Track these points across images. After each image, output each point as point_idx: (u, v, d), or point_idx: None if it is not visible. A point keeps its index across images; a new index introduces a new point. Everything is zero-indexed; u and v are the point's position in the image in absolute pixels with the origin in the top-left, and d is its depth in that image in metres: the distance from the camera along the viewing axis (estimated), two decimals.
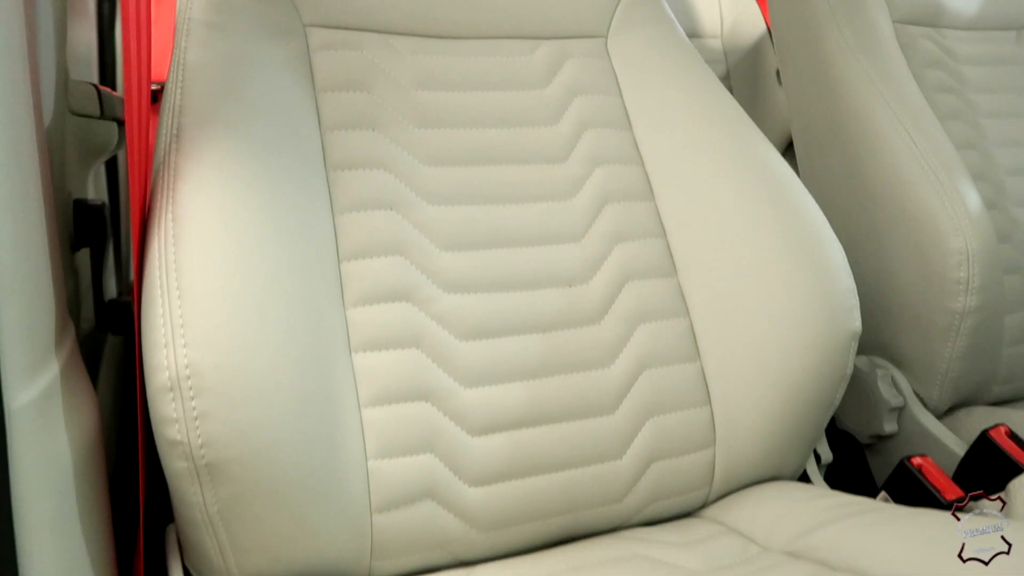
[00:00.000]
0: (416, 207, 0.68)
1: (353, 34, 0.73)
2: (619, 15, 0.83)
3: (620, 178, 0.77)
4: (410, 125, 0.72)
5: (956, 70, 1.04)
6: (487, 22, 0.78)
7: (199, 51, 0.64)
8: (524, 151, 0.75)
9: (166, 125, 0.61)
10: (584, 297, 0.71)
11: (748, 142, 0.78)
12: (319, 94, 0.69)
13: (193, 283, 0.52)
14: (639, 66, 0.82)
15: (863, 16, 0.98)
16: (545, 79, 0.79)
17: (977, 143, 0.99)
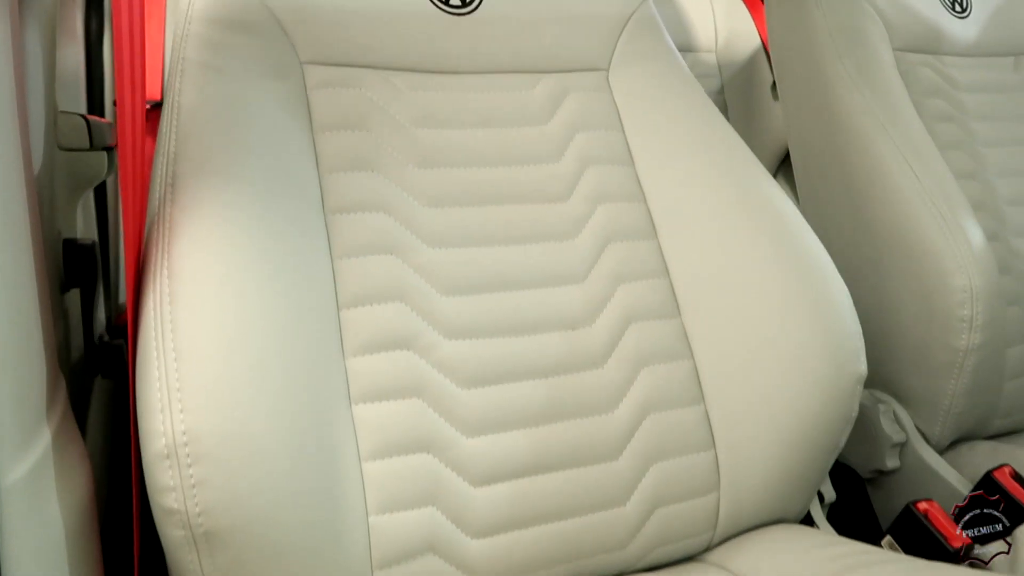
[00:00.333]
0: (416, 251, 0.67)
1: (351, 71, 0.71)
2: (620, 48, 0.82)
3: (622, 216, 0.76)
4: (410, 165, 0.70)
5: (956, 98, 1.03)
6: (487, 57, 0.77)
7: (194, 94, 0.62)
8: (525, 190, 0.74)
9: (160, 172, 0.59)
10: (587, 340, 0.70)
11: (752, 180, 0.77)
12: (317, 134, 0.68)
13: (190, 344, 0.51)
14: (641, 101, 0.80)
15: (864, 45, 0.97)
16: (546, 114, 0.78)
17: (977, 173, 0.99)
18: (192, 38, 0.65)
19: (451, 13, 0.75)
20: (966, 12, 1.07)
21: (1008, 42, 1.10)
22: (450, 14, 0.75)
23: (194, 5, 0.66)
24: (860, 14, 0.99)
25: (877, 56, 0.97)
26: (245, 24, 0.67)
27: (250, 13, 0.67)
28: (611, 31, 0.82)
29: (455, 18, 0.76)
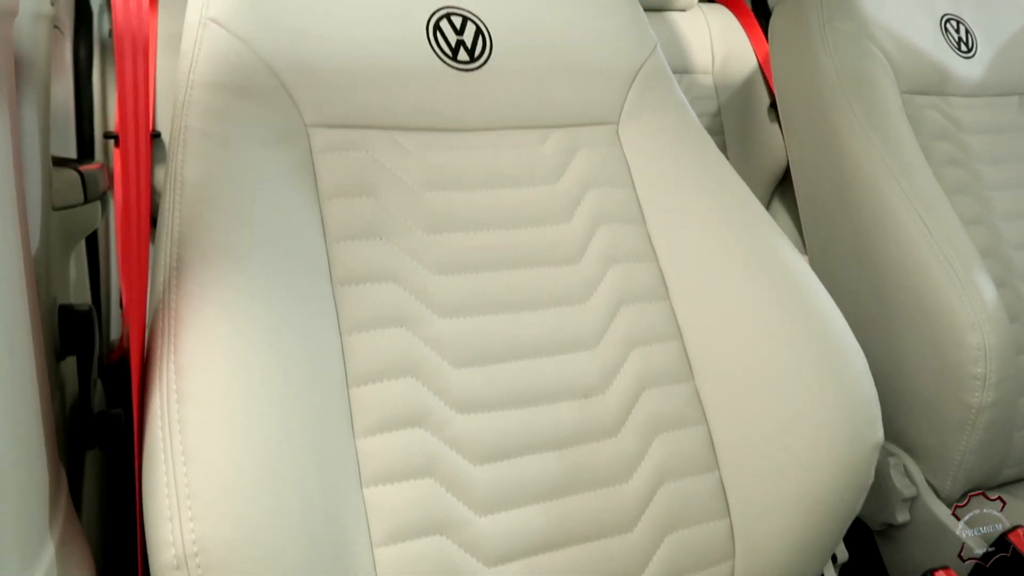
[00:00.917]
0: (426, 322, 0.65)
1: (358, 132, 0.69)
2: (630, 101, 0.81)
3: (634, 277, 0.74)
4: (419, 231, 0.68)
5: (962, 141, 1.02)
6: (495, 113, 0.75)
7: (197, 167, 0.60)
8: (536, 252, 0.72)
9: (164, 253, 0.57)
10: (600, 408, 0.69)
11: (765, 240, 0.75)
12: (323, 201, 0.66)
13: (199, 447, 0.49)
14: (652, 156, 0.79)
15: (872, 89, 0.96)
16: (556, 172, 0.76)
17: (984, 218, 0.98)
18: (194, 105, 0.63)
19: (459, 70, 0.74)
20: (971, 52, 1.06)
21: (1013, 81, 1.09)
22: (458, 70, 0.73)
23: (196, 69, 0.64)
24: (867, 57, 0.98)
25: (885, 100, 0.96)
26: (249, 89, 0.64)
27: (254, 77, 0.65)
28: (621, 84, 0.80)
29: (463, 74, 0.74)
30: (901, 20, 1.02)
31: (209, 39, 0.65)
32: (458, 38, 0.74)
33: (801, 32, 1.02)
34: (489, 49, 0.75)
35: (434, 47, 0.73)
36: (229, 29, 0.65)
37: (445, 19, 0.74)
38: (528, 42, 0.77)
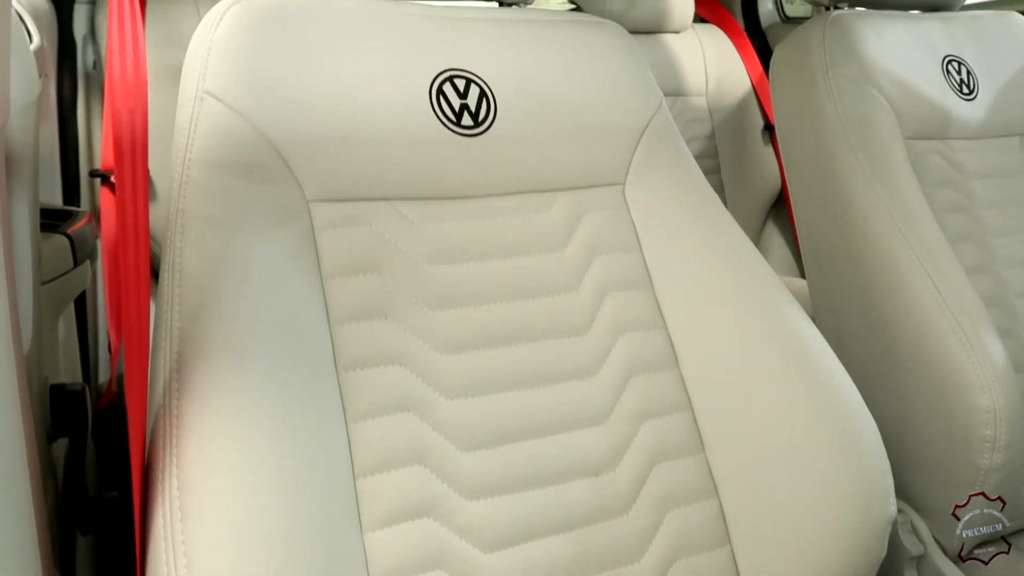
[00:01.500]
0: (434, 406, 0.63)
1: (361, 205, 0.67)
2: (637, 161, 0.79)
3: (643, 346, 0.73)
4: (424, 308, 0.66)
5: (965, 186, 1.02)
6: (501, 179, 0.73)
7: (196, 256, 0.57)
8: (544, 324, 0.70)
9: (164, 351, 0.54)
10: (611, 486, 0.67)
11: (777, 307, 0.74)
12: (326, 281, 0.64)
13: (203, 567, 0.47)
14: (659, 218, 0.77)
15: (876, 138, 0.95)
16: (563, 238, 0.74)
17: (988, 266, 0.97)
18: (192, 186, 0.60)
19: (463, 135, 0.72)
20: (973, 94, 1.06)
21: (1013, 122, 1.09)
22: (462, 136, 0.71)
23: (193, 146, 0.62)
24: (871, 104, 0.97)
25: (890, 149, 0.95)
26: (249, 167, 0.62)
27: (255, 154, 0.62)
28: (628, 143, 0.79)
29: (467, 140, 0.72)
30: (904, 64, 1.01)
31: (207, 114, 0.62)
32: (462, 102, 0.72)
33: (804, 76, 1.01)
34: (494, 112, 0.73)
35: (437, 112, 0.71)
36: (227, 103, 0.63)
37: (448, 82, 0.72)
38: (533, 103, 0.75)
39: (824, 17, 1.03)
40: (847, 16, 1.02)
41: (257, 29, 0.65)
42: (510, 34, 0.77)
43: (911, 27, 1.06)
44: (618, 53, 0.81)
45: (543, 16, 0.80)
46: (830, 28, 1.01)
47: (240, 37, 0.65)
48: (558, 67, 0.77)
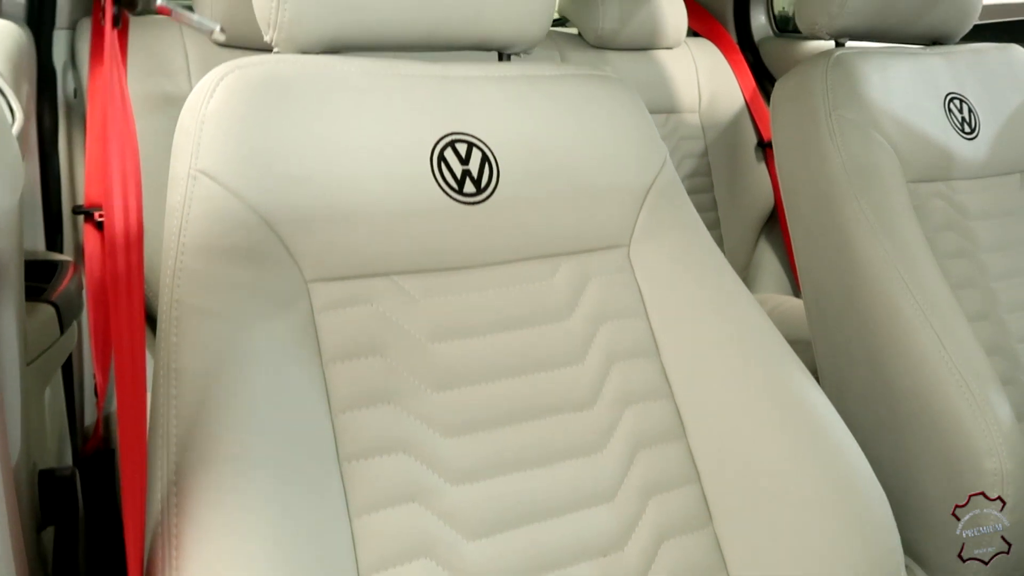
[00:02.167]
0: (439, 493, 0.62)
1: (361, 283, 0.65)
2: (642, 221, 0.77)
3: (650, 418, 0.71)
4: (427, 389, 0.64)
5: (967, 228, 1.01)
6: (504, 246, 0.71)
7: (192, 354, 0.55)
8: (549, 399, 0.68)
9: (162, 460, 0.52)
10: (620, 567, 0.66)
11: (784, 372, 0.73)
12: (327, 366, 0.62)
13: None
14: (665, 281, 0.76)
15: (880, 184, 0.94)
16: (568, 306, 0.73)
17: (990, 312, 0.97)
18: (186, 275, 0.58)
19: (465, 203, 0.69)
20: (974, 132, 1.05)
21: (1014, 160, 1.08)
22: (464, 204, 0.69)
23: (187, 231, 0.59)
24: (875, 149, 0.96)
25: (894, 196, 0.94)
26: (246, 251, 0.60)
27: (251, 237, 0.60)
28: (633, 204, 0.77)
29: (469, 208, 0.69)
30: (907, 105, 1.00)
31: (200, 195, 0.60)
32: (464, 168, 0.70)
33: (806, 117, 0.99)
34: (496, 177, 0.71)
35: (439, 180, 0.68)
36: (222, 183, 0.60)
37: (450, 147, 0.70)
38: (536, 166, 0.73)
39: (826, 56, 1.01)
40: (849, 56, 1.01)
41: (251, 101, 0.63)
42: (512, 93, 0.74)
43: (914, 65, 1.05)
44: (622, 109, 0.79)
45: (545, 71, 0.78)
46: (832, 69, 0.99)
47: (234, 111, 0.62)
48: (562, 127, 0.75)
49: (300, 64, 0.67)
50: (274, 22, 0.67)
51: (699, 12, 1.91)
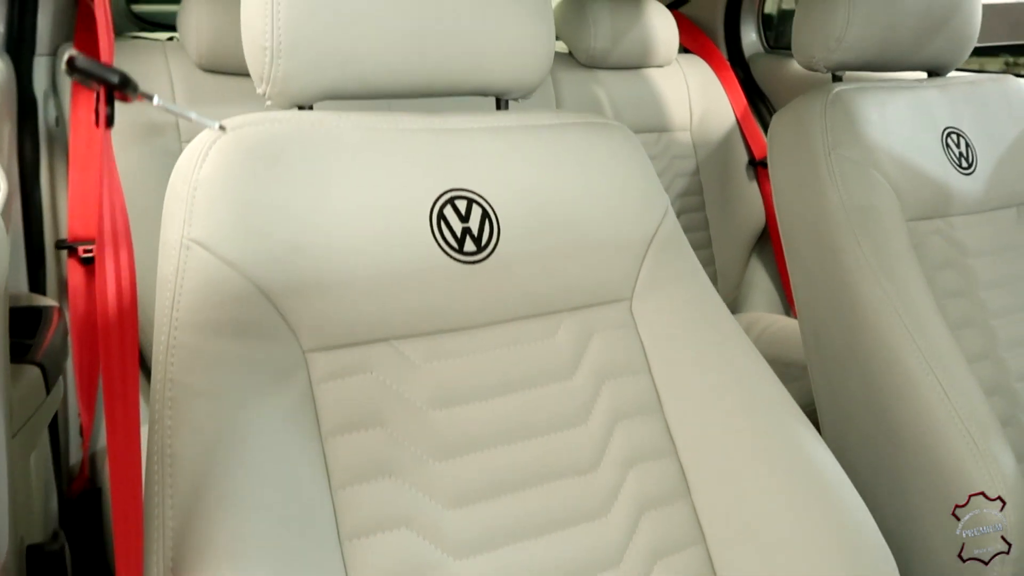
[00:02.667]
0: (444, 570, 0.60)
1: (360, 350, 0.63)
2: (644, 274, 0.76)
3: (655, 477, 0.70)
4: (429, 459, 0.63)
5: (965, 266, 1.00)
6: (504, 305, 0.70)
7: (188, 438, 0.53)
8: (553, 464, 0.67)
9: (157, 549, 0.50)
10: None
11: (788, 428, 0.72)
12: (327, 440, 0.60)
13: None
14: (668, 336, 0.74)
15: (880, 225, 0.93)
16: (571, 365, 0.71)
17: (989, 351, 0.96)
18: (180, 352, 0.56)
19: (466, 262, 0.68)
20: (971, 167, 1.04)
21: (1011, 194, 1.08)
22: (465, 263, 0.67)
23: (180, 305, 0.57)
24: (874, 189, 0.95)
25: (893, 236, 0.93)
26: (243, 325, 0.58)
27: (247, 309, 0.58)
28: (635, 257, 0.75)
29: (469, 267, 0.68)
30: (905, 141, 0.99)
31: (194, 266, 0.58)
32: (464, 226, 0.68)
33: (805, 156, 0.98)
34: (497, 234, 0.69)
35: (438, 239, 0.67)
36: (216, 253, 0.58)
37: (449, 205, 0.68)
38: (538, 221, 0.71)
39: (824, 92, 1.00)
40: (848, 92, 1.00)
41: (245, 166, 0.61)
42: (512, 145, 0.73)
43: (911, 99, 1.04)
44: (625, 158, 0.77)
45: (545, 120, 0.76)
46: (831, 106, 0.98)
47: (227, 177, 0.60)
48: (563, 179, 0.73)
49: (294, 123, 0.65)
50: (267, 76, 0.65)
51: (690, 28, 1.90)
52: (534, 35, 0.74)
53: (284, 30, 0.63)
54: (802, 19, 1.04)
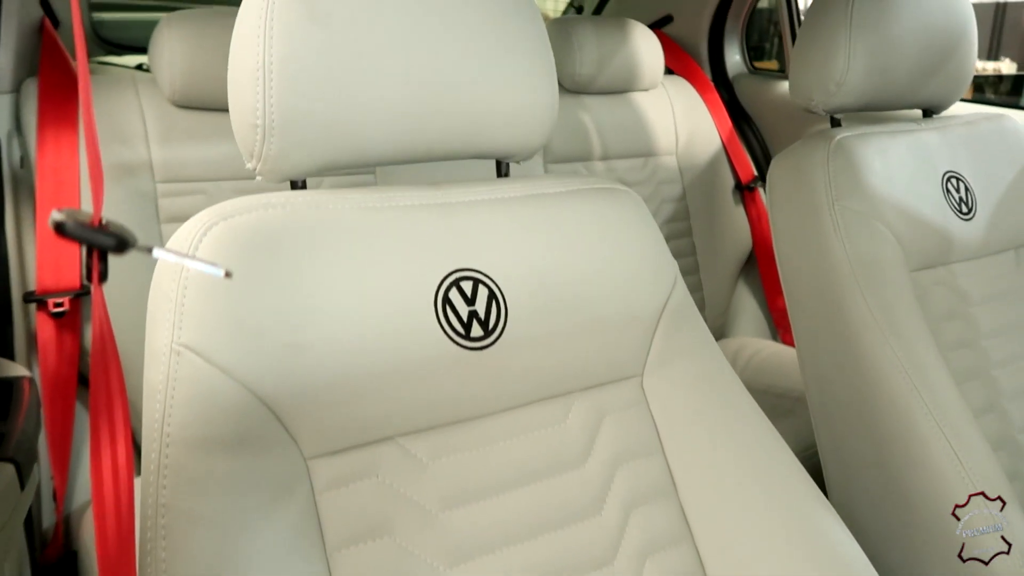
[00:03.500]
0: None
1: (364, 452, 0.59)
2: (655, 348, 0.73)
3: (671, 565, 0.67)
4: (441, 567, 0.59)
5: (968, 315, 0.99)
6: (513, 390, 0.66)
7: (183, 569, 0.49)
8: (570, 560, 0.64)
9: None
10: None
11: (807, 508, 0.69)
12: (331, 555, 0.56)
13: None
14: (680, 413, 0.72)
15: (886, 280, 0.91)
16: (583, 452, 0.68)
17: (994, 403, 0.95)
18: (172, 473, 0.51)
19: (473, 349, 0.64)
20: (971, 213, 1.03)
21: (1009, 237, 1.07)
22: (471, 350, 0.64)
23: (171, 420, 0.52)
24: (879, 241, 0.93)
25: (900, 292, 0.91)
26: (240, 437, 0.53)
27: (245, 421, 0.54)
28: (646, 330, 0.72)
29: (476, 353, 0.64)
30: (907, 190, 0.98)
31: (186, 375, 0.53)
32: (470, 309, 0.64)
33: (808, 207, 0.96)
34: (504, 316, 0.66)
35: (444, 326, 0.63)
36: (210, 359, 0.54)
37: (455, 287, 0.64)
38: (546, 299, 0.68)
39: (825, 140, 0.98)
40: (850, 141, 0.98)
41: (240, 262, 0.56)
42: (517, 217, 0.69)
43: (911, 144, 1.03)
44: (633, 226, 0.74)
45: (550, 188, 0.73)
46: (834, 155, 0.96)
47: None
48: (571, 254, 0.70)
49: (290, 208, 0.60)
50: (258, 154, 0.61)
51: (673, 49, 1.88)
52: (538, 98, 0.70)
53: (277, 107, 0.59)
54: (800, 61, 1.02)
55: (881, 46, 0.98)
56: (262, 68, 0.58)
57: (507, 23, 0.68)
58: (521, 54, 0.68)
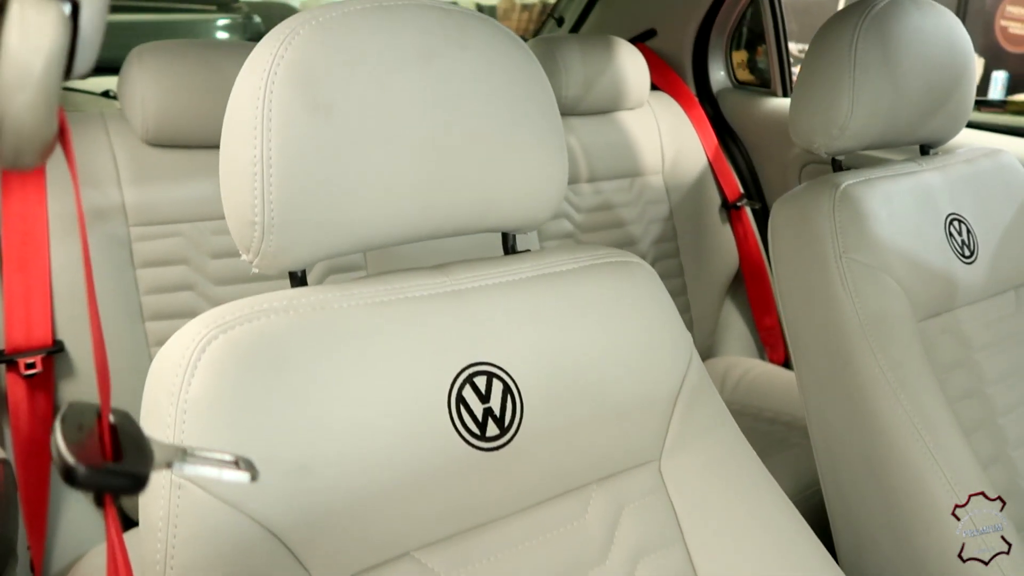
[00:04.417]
0: None
1: (380, 573, 0.56)
2: (673, 431, 0.70)
3: None
4: None
5: (973, 363, 0.98)
6: (530, 488, 0.63)
7: None
8: None
9: None
10: None
11: None
12: None
13: None
14: (700, 498, 0.69)
15: (896, 335, 0.89)
16: (603, 548, 0.65)
17: (1000, 453, 0.95)
18: None
19: (489, 450, 0.60)
20: (973, 256, 1.02)
21: (1009, 278, 1.06)
22: (487, 451, 0.60)
23: (174, 561, 0.48)
24: (887, 294, 0.91)
25: (908, 345, 0.90)
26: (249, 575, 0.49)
27: (255, 557, 0.50)
28: (663, 413, 0.70)
29: (492, 454, 0.61)
30: (913, 239, 0.96)
31: (189, 511, 0.49)
32: (485, 406, 0.61)
33: (815, 258, 0.93)
34: (520, 410, 0.62)
35: (459, 428, 0.59)
36: (214, 492, 0.50)
37: (468, 384, 0.60)
38: (560, 391, 0.64)
39: (830, 188, 0.96)
40: (855, 189, 0.96)
41: (242, 379, 0.52)
42: (529, 300, 0.66)
43: (914, 187, 1.01)
44: (648, 302, 0.71)
45: (560, 264, 0.69)
46: (840, 204, 0.94)
47: (222, 396, 0.51)
48: (584, 337, 0.67)
49: (292, 311, 0.56)
50: (256, 250, 0.56)
51: (657, 64, 1.85)
52: (548, 172, 0.67)
53: (277, 205, 0.54)
54: (801, 104, 0.99)
55: (885, 88, 0.95)
56: (260, 162, 0.54)
57: (515, 93, 0.64)
58: (531, 127, 0.65)
